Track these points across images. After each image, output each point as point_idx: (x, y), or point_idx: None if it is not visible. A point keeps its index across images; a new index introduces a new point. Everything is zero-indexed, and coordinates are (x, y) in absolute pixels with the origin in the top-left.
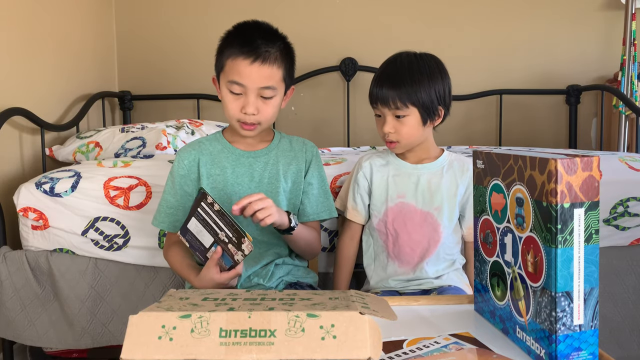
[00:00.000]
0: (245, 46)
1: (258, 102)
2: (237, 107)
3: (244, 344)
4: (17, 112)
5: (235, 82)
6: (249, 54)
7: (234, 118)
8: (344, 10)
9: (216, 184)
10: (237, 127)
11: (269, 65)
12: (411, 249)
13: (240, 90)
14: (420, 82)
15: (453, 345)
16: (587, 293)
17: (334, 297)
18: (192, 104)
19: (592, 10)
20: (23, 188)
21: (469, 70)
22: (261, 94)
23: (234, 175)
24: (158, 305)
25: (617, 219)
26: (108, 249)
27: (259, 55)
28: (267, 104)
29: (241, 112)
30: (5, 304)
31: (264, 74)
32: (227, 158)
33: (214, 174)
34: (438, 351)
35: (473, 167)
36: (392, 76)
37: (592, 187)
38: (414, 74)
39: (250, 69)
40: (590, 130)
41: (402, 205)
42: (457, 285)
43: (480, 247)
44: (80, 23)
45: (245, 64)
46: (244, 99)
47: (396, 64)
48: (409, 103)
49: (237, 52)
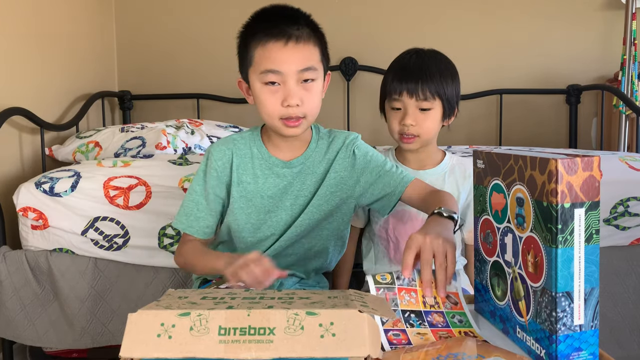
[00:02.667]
0: (274, 29)
1: (300, 91)
2: (276, 102)
3: (243, 342)
4: (17, 111)
5: (271, 70)
6: (279, 36)
7: (275, 117)
8: (344, 10)
9: (245, 192)
10: (280, 127)
11: (304, 43)
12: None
13: (277, 79)
14: (446, 76)
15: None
16: (588, 293)
17: (333, 296)
18: (192, 103)
19: (592, 10)
20: (23, 188)
21: (469, 70)
22: (302, 78)
23: (265, 187)
24: (157, 304)
25: (617, 219)
26: (108, 248)
27: (292, 35)
28: (310, 92)
29: (283, 106)
30: (5, 304)
31: (301, 54)
32: (260, 166)
33: (244, 182)
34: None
35: (473, 167)
36: (419, 67)
37: (593, 187)
38: (441, 67)
39: (285, 52)
40: (590, 130)
41: (403, 212)
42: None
43: (480, 247)
44: (80, 23)
45: (278, 47)
46: (284, 90)
47: (421, 57)
48: (436, 95)
49: (265, 38)
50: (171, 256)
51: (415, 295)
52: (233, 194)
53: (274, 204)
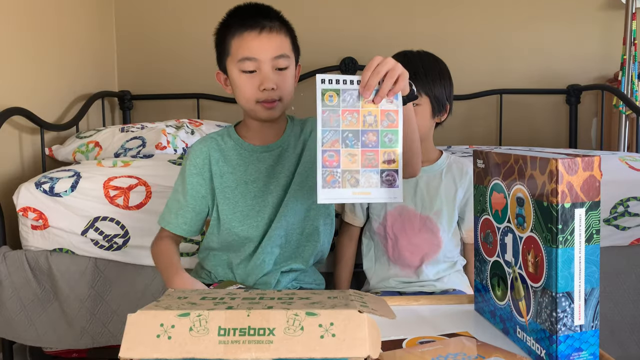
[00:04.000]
0: (248, 21)
1: (275, 76)
2: (254, 86)
3: (242, 342)
4: (17, 111)
5: (247, 57)
6: (254, 26)
7: (252, 100)
8: (344, 10)
9: (229, 182)
10: (258, 110)
11: (276, 33)
12: (411, 253)
13: (253, 66)
14: (433, 73)
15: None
16: (588, 293)
17: (333, 297)
18: (192, 103)
19: (592, 10)
20: (23, 188)
21: (469, 70)
22: (276, 65)
23: (247, 174)
24: (156, 304)
25: (617, 219)
26: (108, 248)
27: (265, 26)
28: (284, 76)
29: (259, 90)
30: (5, 304)
31: (274, 42)
32: (239, 155)
33: (226, 172)
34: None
35: (473, 167)
36: (405, 66)
37: (593, 187)
38: (427, 65)
39: (260, 40)
40: (590, 130)
41: (402, 209)
42: (460, 288)
43: (480, 247)
44: (80, 23)
45: (253, 36)
46: (259, 75)
47: (408, 57)
48: (423, 92)
49: (241, 29)
50: None
51: (357, 115)
52: (217, 187)
53: (259, 189)
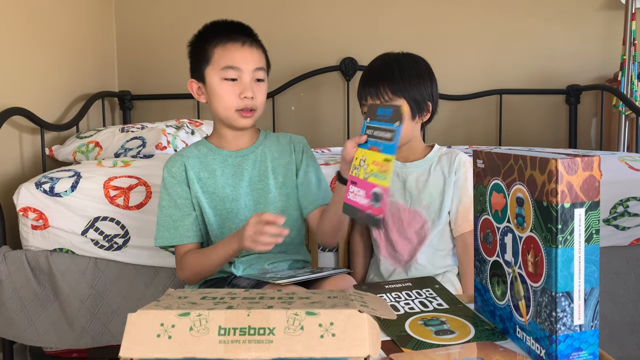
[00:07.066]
0: (232, 32)
1: (254, 86)
2: (234, 94)
3: (242, 342)
4: (17, 112)
5: (230, 66)
6: (237, 39)
7: (231, 108)
8: (344, 10)
9: (207, 187)
10: (235, 118)
11: (256, 47)
12: (402, 247)
13: (235, 74)
14: (409, 75)
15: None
16: (588, 293)
17: (333, 296)
18: (192, 103)
19: (592, 10)
20: (23, 188)
21: (469, 70)
22: (255, 77)
23: (224, 177)
24: (157, 304)
25: (617, 219)
26: (108, 248)
27: (246, 40)
28: (261, 88)
29: (240, 98)
30: (5, 304)
31: (255, 55)
32: (214, 160)
33: (203, 177)
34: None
35: (473, 167)
36: (380, 70)
37: (593, 187)
38: (404, 67)
39: (243, 52)
40: (590, 130)
41: (391, 204)
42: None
43: (480, 247)
44: (80, 23)
45: (237, 47)
46: (240, 85)
47: (384, 60)
48: (399, 94)
49: (224, 39)
50: (171, 256)
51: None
52: (197, 192)
53: (235, 192)
